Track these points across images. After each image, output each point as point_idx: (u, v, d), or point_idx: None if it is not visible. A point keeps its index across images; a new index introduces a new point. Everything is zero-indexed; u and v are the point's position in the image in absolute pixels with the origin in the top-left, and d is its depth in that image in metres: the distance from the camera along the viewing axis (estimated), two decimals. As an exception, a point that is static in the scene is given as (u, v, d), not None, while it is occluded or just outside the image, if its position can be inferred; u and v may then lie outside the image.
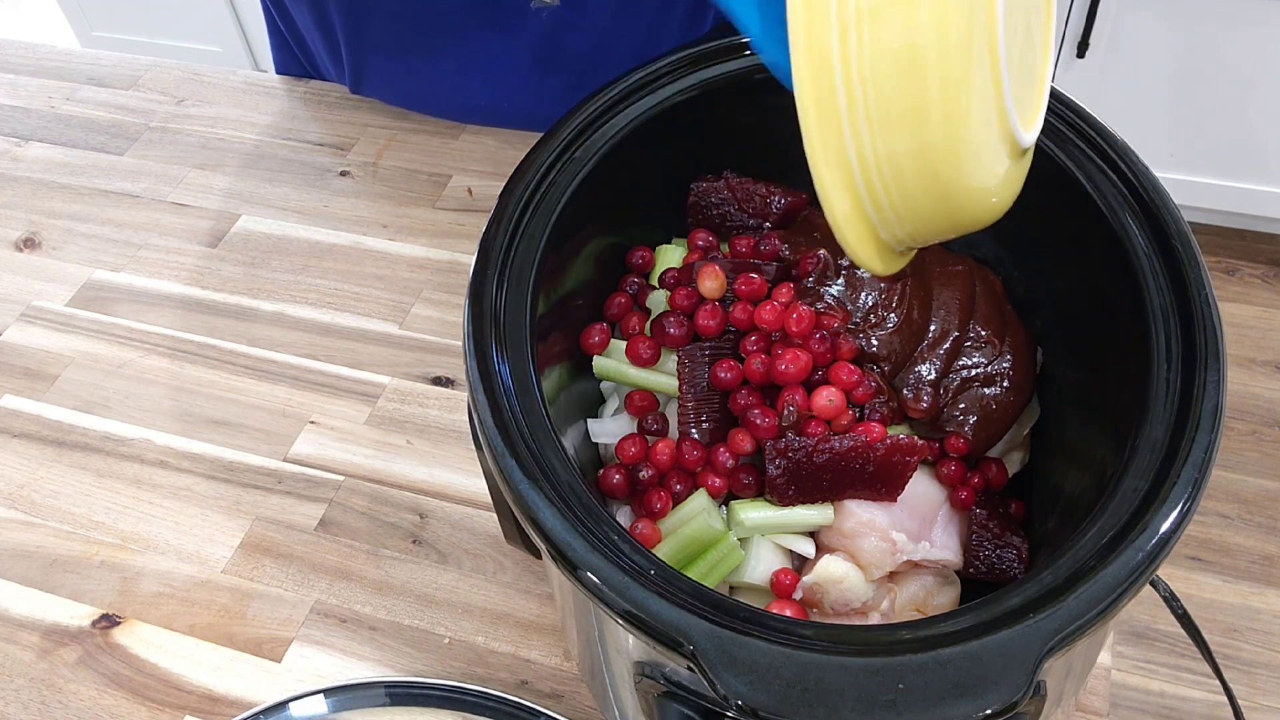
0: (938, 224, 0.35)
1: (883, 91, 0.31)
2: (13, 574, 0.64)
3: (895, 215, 0.34)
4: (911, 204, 0.33)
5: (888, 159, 0.32)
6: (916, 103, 0.31)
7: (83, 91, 0.99)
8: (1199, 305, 0.41)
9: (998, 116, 0.32)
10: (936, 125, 0.31)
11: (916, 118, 0.31)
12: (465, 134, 0.91)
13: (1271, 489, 0.64)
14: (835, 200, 0.34)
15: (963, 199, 0.33)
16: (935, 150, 0.32)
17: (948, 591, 0.48)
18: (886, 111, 0.31)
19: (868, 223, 0.35)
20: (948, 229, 0.36)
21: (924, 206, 0.34)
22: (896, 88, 0.30)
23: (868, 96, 0.31)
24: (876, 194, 0.33)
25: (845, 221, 0.34)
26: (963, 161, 0.32)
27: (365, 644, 0.61)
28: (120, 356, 0.76)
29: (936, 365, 0.49)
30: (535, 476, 0.38)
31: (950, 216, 0.34)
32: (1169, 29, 1.45)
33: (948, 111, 0.31)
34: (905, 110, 0.31)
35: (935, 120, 0.31)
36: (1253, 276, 0.76)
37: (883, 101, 0.31)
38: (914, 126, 0.31)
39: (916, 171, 0.32)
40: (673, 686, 0.38)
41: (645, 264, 0.55)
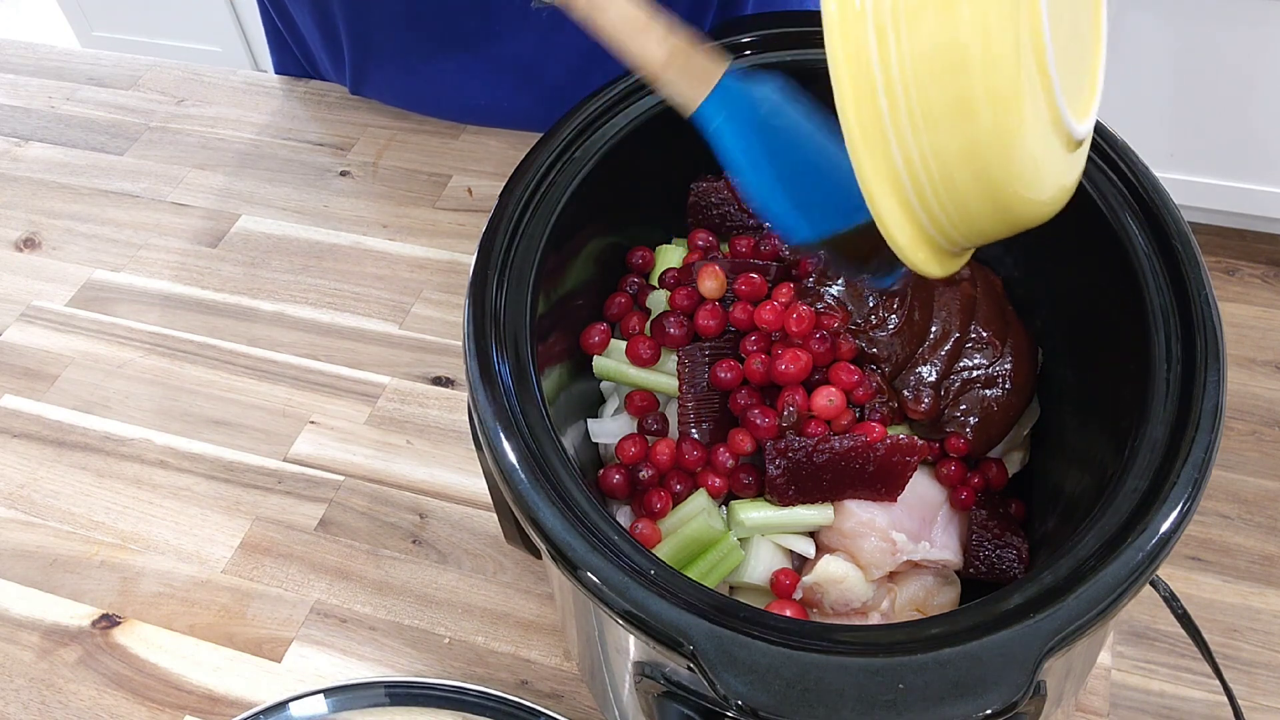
0: (993, 222, 0.34)
1: (925, 92, 0.30)
2: (13, 574, 0.64)
3: (947, 218, 0.33)
4: (963, 205, 0.33)
5: (936, 160, 0.31)
6: (960, 100, 0.30)
7: (83, 91, 0.99)
8: (1199, 305, 0.41)
9: (1048, 108, 0.31)
10: (984, 121, 0.30)
11: (961, 115, 0.30)
12: (465, 134, 0.91)
13: (1271, 489, 0.64)
14: (885, 208, 0.33)
15: (1017, 195, 0.33)
16: (984, 148, 0.31)
17: (948, 591, 0.48)
18: (929, 112, 0.30)
19: (920, 227, 0.34)
20: (1004, 227, 0.35)
21: (977, 206, 0.33)
22: (938, 87, 0.30)
23: (910, 98, 0.30)
24: (926, 198, 0.32)
25: (898, 229, 0.33)
26: (1014, 157, 0.31)
27: (365, 644, 0.61)
28: (120, 356, 0.76)
29: (938, 367, 0.49)
30: (535, 476, 0.38)
31: (1006, 214, 0.34)
32: (1169, 29, 1.45)
33: (995, 107, 0.30)
34: (949, 109, 0.30)
35: (982, 116, 0.30)
36: (1253, 276, 0.76)
37: (925, 102, 0.30)
38: (959, 124, 0.30)
39: (966, 171, 0.31)
40: (673, 686, 0.38)
41: (645, 264, 0.55)
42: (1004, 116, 0.30)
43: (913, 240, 0.34)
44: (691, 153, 0.54)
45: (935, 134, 0.31)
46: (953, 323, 0.50)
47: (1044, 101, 0.31)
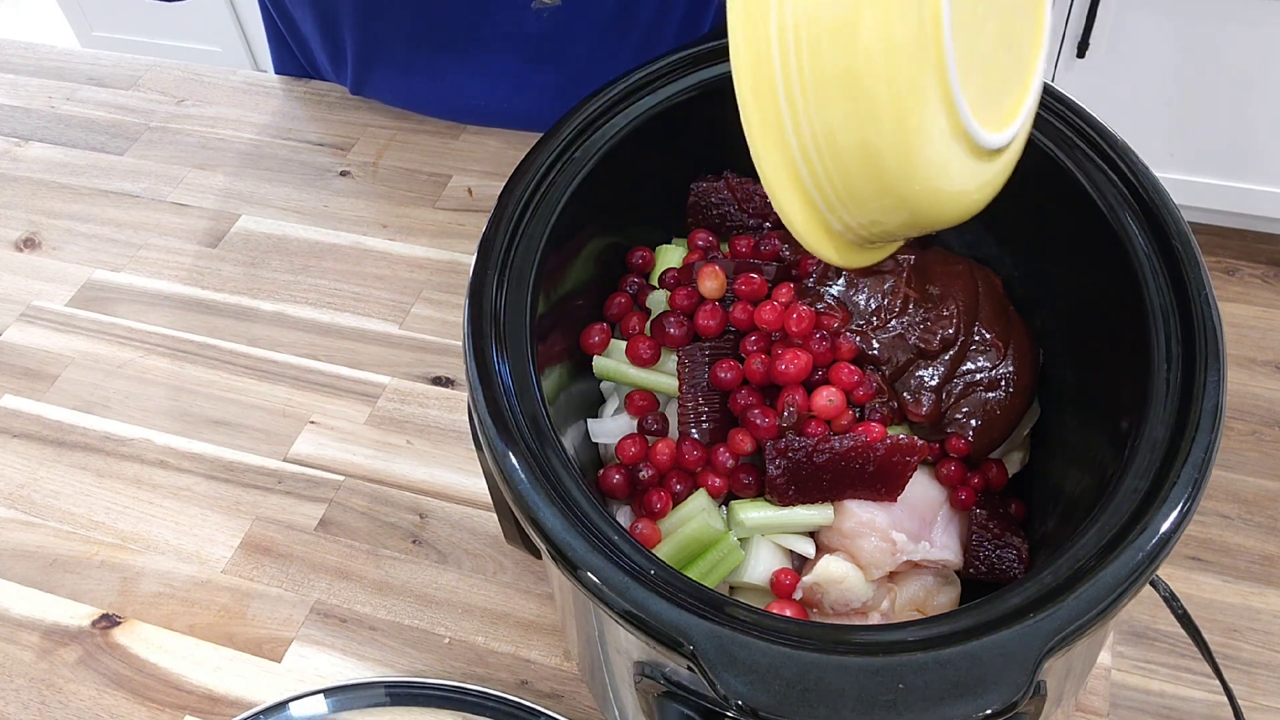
0: (897, 221, 0.34)
1: (821, 91, 0.30)
2: (13, 574, 0.64)
3: (848, 213, 0.34)
4: (861, 202, 0.33)
5: (830, 155, 0.32)
6: (853, 99, 0.30)
7: (83, 91, 0.99)
8: (1199, 305, 0.41)
9: (947, 117, 0.31)
10: (878, 125, 0.30)
11: (854, 116, 0.30)
12: (465, 134, 0.91)
13: (1271, 489, 0.64)
14: (784, 197, 0.33)
15: (917, 197, 0.33)
16: (877, 150, 0.31)
17: (948, 591, 0.48)
18: (823, 108, 0.31)
19: (821, 219, 0.34)
20: (910, 226, 0.35)
21: (875, 203, 0.33)
22: (834, 83, 0.30)
23: (806, 96, 0.30)
24: (825, 191, 0.33)
25: (798, 218, 0.34)
26: (910, 161, 0.31)
27: (365, 644, 0.61)
28: (120, 356, 0.76)
29: (940, 370, 0.49)
30: (535, 476, 0.38)
31: (908, 213, 0.34)
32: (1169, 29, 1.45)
33: (888, 111, 0.30)
34: (843, 110, 0.30)
35: (877, 117, 0.30)
36: (1253, 276, 0.76)
37: (820, 100, 0.30)
38: (851, 124, 0.31)
39: (860, 170, 0.32)
40: (673, 686, 0.38)
41: (645, 264, 0.55)
42: (897, 121, 0.30)
43: (815, 230, 0.35)
44: (691, 153, 0.55)
45: (828, 129, 0.31)
46: (957, 326, 0.50)
47: (942, 109, 0.31)
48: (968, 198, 0.34)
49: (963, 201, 0.34)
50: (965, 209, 0.35)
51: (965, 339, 0.49)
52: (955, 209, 0.34)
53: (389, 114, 0.93)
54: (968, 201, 0.35)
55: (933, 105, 0.31)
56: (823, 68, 0.30)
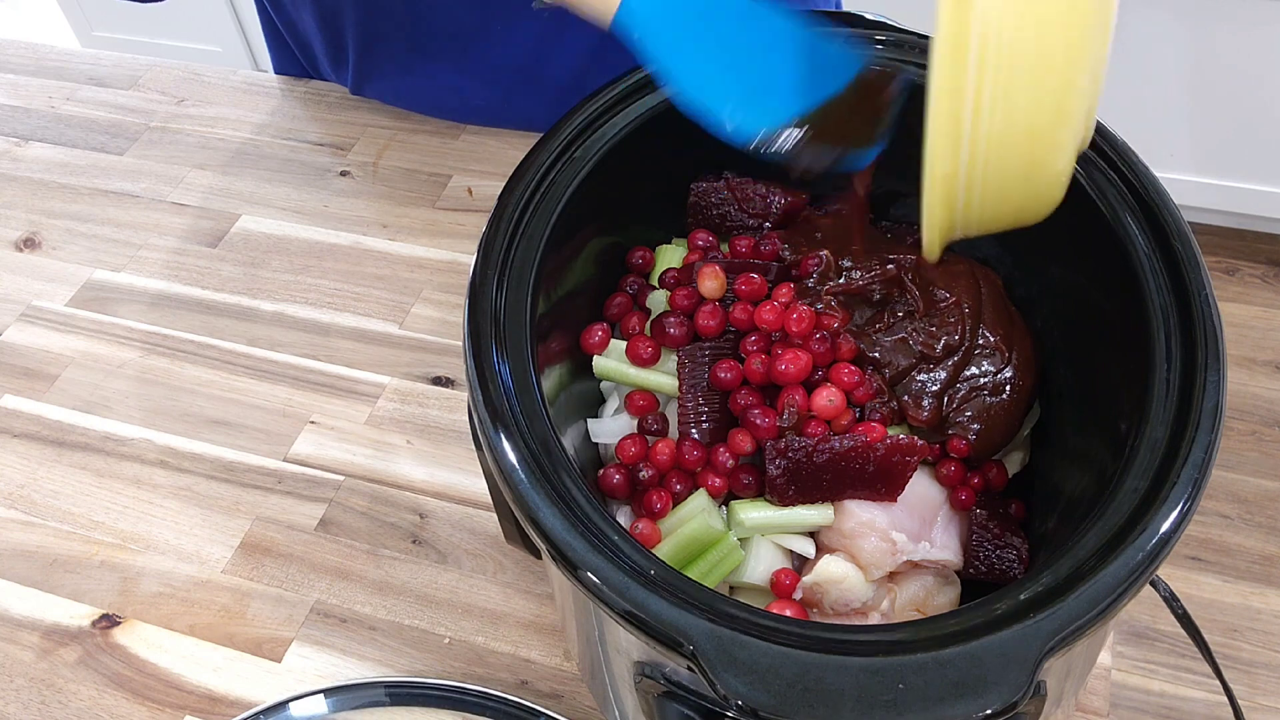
0: (1008, 210, 0.37)
1: (1013, 75, 0.33)
2: (13, 574, 0.64)
3: (980, 195, 0.36)
4: (1002, 186, 0.36)
5: (1003, 123, 0.34)
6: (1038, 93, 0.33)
7: (83, 91, 0.99)
8: (1199, 305, 0.41)
9: (1090, 99, 0.34)
10: (1048, 114, 0.33)
11: (1037, 105, 0.33)
12: (465, 134, 0.91)
13: (1271, 489, 0.64)
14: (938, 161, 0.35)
15: (1044, 176, 0.36)
16: (1041, 134, 0.34)
17: (948, 591, 0.48)
18: (1011, 91, 0.33)
19: (953, 193, 0.36)
20: (1012, 213, 0.38)
21: (1011, 190, 0.36)
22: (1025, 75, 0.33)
23: (998, 78, 0.33)
24: (973, 194, 0.36)
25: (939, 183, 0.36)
26: (1058, 170, 0.35)
27: (365, 644, 0.61)
28: (120, 356, 0.76)
29: (943, 374, 0.49)
30: (535, 476, 0.38)
31: (1024, 196, 0.37)
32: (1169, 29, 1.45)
33: (1059, 104, 0.33)
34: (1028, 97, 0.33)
35: (1048, 110, 0.33)
36: (1253, 276, 0.76)
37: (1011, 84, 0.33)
38: (1032, 112, 0.33)
39: (1021, 152, 0.34)
40: (673, 686, 0.38)
41: (645, 264, 0.55)
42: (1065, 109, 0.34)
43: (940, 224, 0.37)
44: (691, 153, 0.55)
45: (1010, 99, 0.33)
46: (962, 332, 0.49)
47: (1087, 106, 0.34)
48: (1062, 190, 0.37)
49: (1059, 194, 0.37)
50: (1055, 202, 0.38)
51: (970, 344, 0.49)
52: (1053, 199, 0.38)
53: (389, 114, 0.93)
54: (1059, 195, 0.38)
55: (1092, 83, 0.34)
56: (1019, 61, 0.32)
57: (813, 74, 0.38)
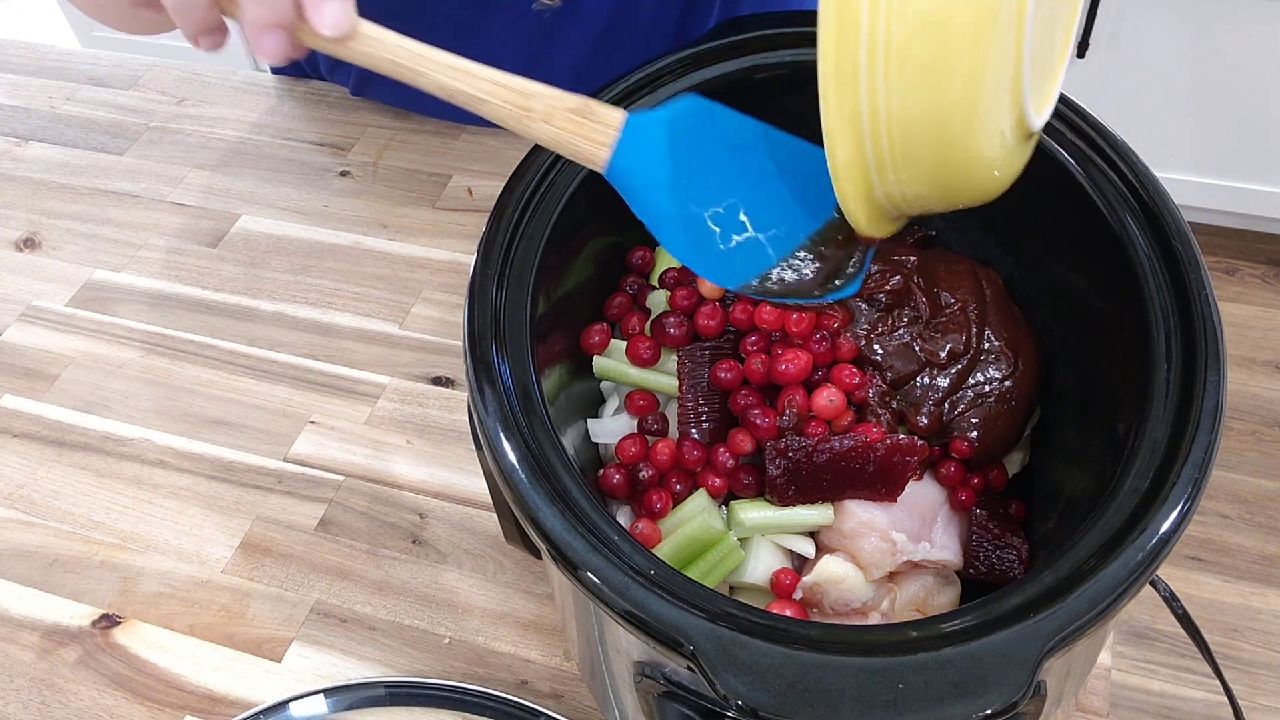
0: (935, 188, 0.35)
1: (906, 48, 0.31)
2: (13, 574, 0.64)
3: (895, 173, 0.34)
4: (914, 163, 0.34)
5: (900, 113, 0.32)
6: (937, 62, 0.31)
7: (83, 91, 0.99)
8: (1199, 305, 0.41)
9: (1012, 91, 0.33)
10: (955, 87, 0.32)
11: (935, 79, 0.32)
12: (465, 134, 0.91)
13: (1271, 489, 0.64)
14: (839, 148, 0.34)
15: (965, 165, 0.34)
16: (948, 110, 0.32)
17: (948, 591, 0.48)
18: (906, 67, 0.31)
19: (866, 176, 0.35)
20: (943, 197, 0.36)
21: (926, 167, 0.34)
22: (921, 46, 0.31)
23: (889, 51, 0.31)
24: (881, 147, 0.34)
25: (844, 170, 0.35)
26: (973, 126, 0.33)
27: (365, 644, 0.61)
28: (120, 356, 0.76)
29: (946, 382, 0.49)
30: (535, 476, 0.38)
31: (949, 182, 0.35)
32: (1169, 29, 1.45)
33: (968, 74, 0.31)
34: (925, 68, 0.31)
35: (954, 82, 0.32)
36: (1253, 276, 0.76)
37: (904, 58, 0.31)
38: (932, 85, 0.32)
39: (926, 129, 0.33)
40: (673, 686, 0.38)
41: (645, 264, 0.55)
42: (974, 89, 0.32)
43: (858, 193, 0.36)
44: (691, 153, 0.55)
45: (906, 91, 0.32)
46: (967, 340, 0.49)
47: (1011, 81, 0.32)
48: (1002, 175, 0.36)
49: (998, 179, 0.36)
50: (996, 187, 0.36)
51: (975, 351, 0.49)
52: (989, 185, 0.36)
53: (389, 114, 0.93)
54: (1000, 180, 0.36)
55: (1005, 77, 0.32)
56: (909, 20, 0.31)
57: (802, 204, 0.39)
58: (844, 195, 0.36)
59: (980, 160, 0.34)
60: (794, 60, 0.51)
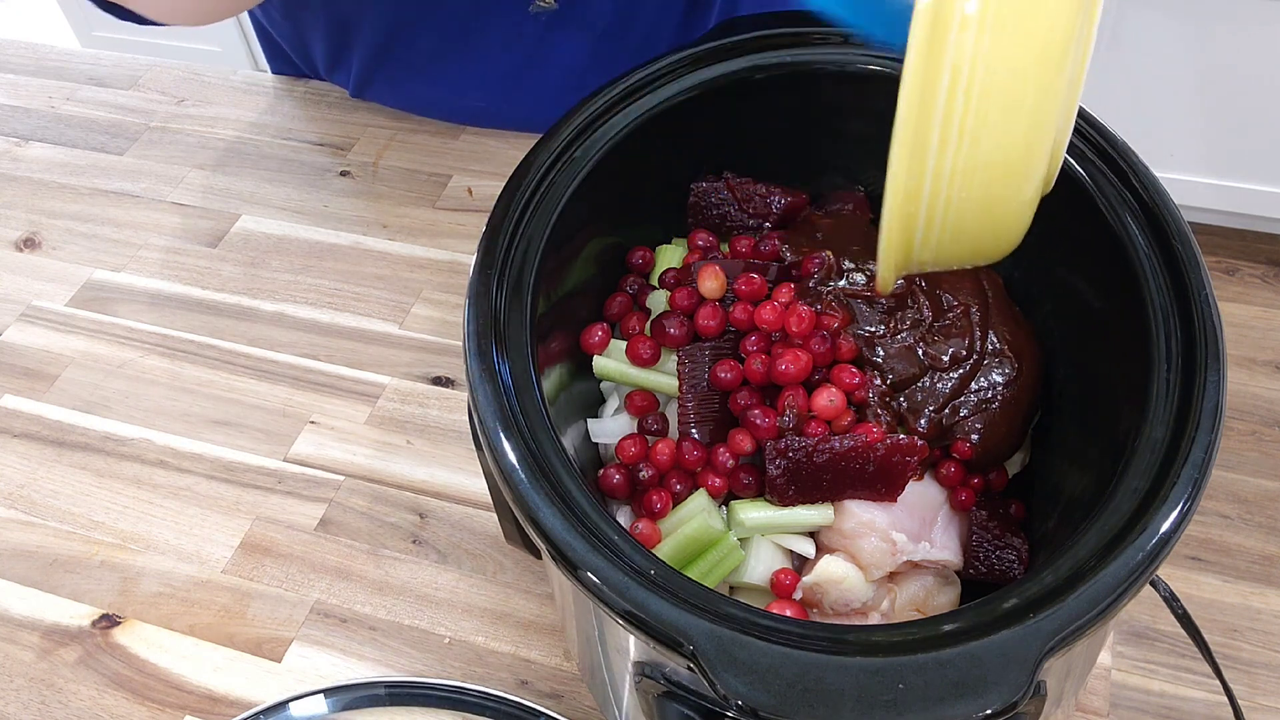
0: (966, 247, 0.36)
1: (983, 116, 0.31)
2: (13, 574, 0.64)
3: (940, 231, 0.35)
4: (963, 223, 0.34)
5: (965, 169, 0.33)
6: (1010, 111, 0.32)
7: (83, 91, 0.99)
8: (1199, 305, 0.41)
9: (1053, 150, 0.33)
10: (1016, 153, 0.32)
11: (1005, 143, 0.32)
12: (465, 134, 0.91)
13: (1271, 489, 0.64)
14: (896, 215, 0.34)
15: (1007, 243, 0.35)
16: (1007, 172, 0.33)
17: (948, 592, 0.48)
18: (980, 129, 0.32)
19: (909, 248, 0.36)
20: (975, 255, 0.37)
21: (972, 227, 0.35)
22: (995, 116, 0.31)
23: (969, 108, 0.32)
24: (934, 224, 0.34)
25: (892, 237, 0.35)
26: (1023, 187, 0.33)
27: (365, 644, 0.61)
28: (120, 356, 0.76)
29: (949, 386, 0.48)
30: (535, 476, 0.38)
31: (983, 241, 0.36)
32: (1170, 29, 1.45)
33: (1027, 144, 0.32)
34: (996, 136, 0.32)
35: (1016, 149, 0.32)
36: (1253, 276, 0.76)
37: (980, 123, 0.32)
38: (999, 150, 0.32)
39: (986, 189, 0.33)
40: (673, 686, 0.38)
41: (645, 264, 0.55)
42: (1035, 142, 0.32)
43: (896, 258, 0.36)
44: (691, 153, 0.55)
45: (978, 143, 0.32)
46: (970, 344, 0.49)
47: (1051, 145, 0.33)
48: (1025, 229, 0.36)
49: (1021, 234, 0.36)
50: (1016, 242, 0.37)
51: (978, 356, 0.49)
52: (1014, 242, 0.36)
53: (389, 114, 0.93)
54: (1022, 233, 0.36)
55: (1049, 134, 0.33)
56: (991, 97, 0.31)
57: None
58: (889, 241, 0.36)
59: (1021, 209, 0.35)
60: (794, 60, 0.51)
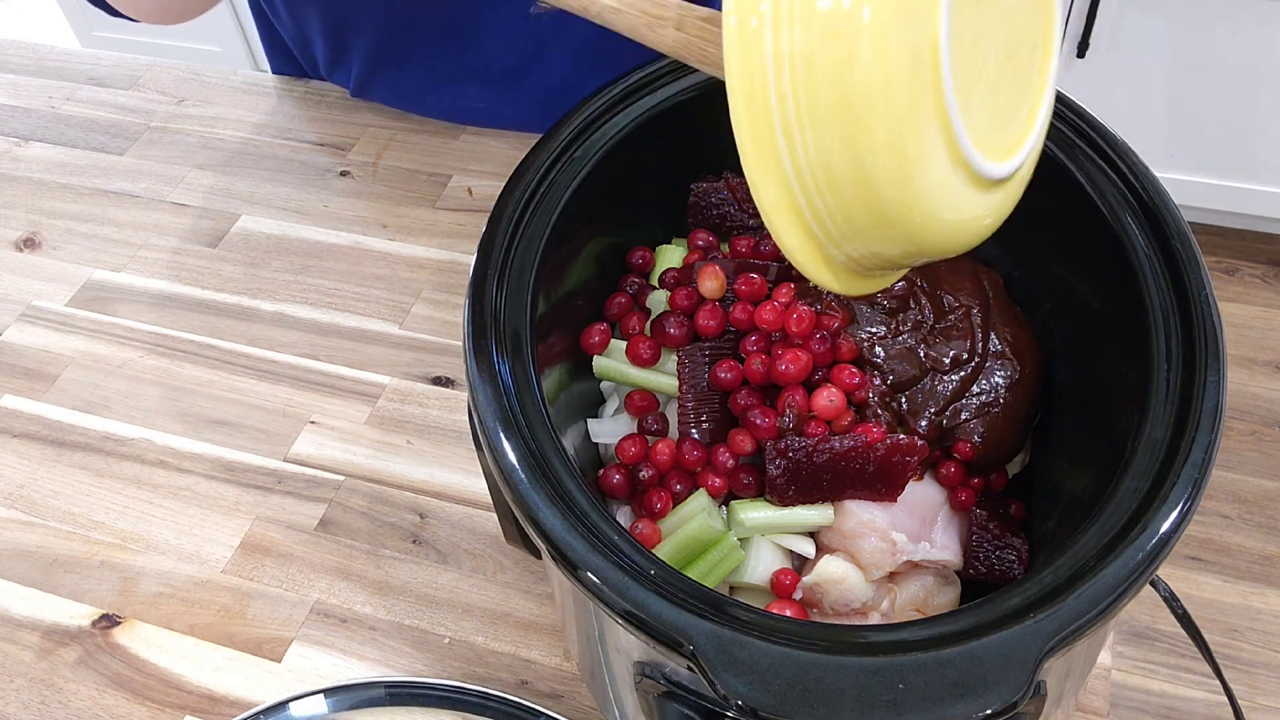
0: (896, 248, 0.34)
1: (818, 119, 0.30)
2: (13, 574, 0.64)
3: (844, 239, 0.33)
4: (859, 230, 0.32)
5: (828, 187, 0.31)
6: (850, 129, 0.30)
7: (83, 91, 0.99)
8: (1199, 305, 0.41)
9: (945, 146, 0.31)
10: (876, 154, 0.30)
11: (852, 144, 0.30)
12: (465, 134, 0.91)
13: (1271, 489, 0.64)
14: (778, 222, 0.33)
15: (917, 228, 0.32)
16: (873, 179, 0.30)
17: (948, 592, 0.48)
18: (821, 137, 0.30)
19: (818, 245, 0.34)
20: (912, 254, 0.35)
21: (873, 232, 0.32)
22: (830, 114, 0.29)
23: (802, 121, 0.30)
24: (822, 219, 0.32)
25: (796, 247, 0.33)
26: (905, 190, 0.31)
27: (365, 644, 0.61)
28: (120, 356, 0.76)
29: (948, 391, 0.48)
30: (535, 476, 0.38)
31: (908, 242, 0.33)
32: (1169, 29, 1.45)
33: (887, 139, 0.30)
34: (841, 139, 0.30)
35: (874, 149, 0.30)
36: (1253, 276, 0.76)
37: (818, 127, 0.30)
38: (850, 154, 0.30)
39: (858, 199, 0.31)
40: (673, 686, 0.38)
41: (645, 264, 0.55)
42: (894, 152, 0.30)
43: (814, 261, 0.34)
44: (691, 153, 0.55)
45: (825, 161, 0.30)
46: (971, 347, 0.49)
47: (941, 140, 0.31)
48: (972, 226, 0.34)
49: (967, 230, 0.34)
50: (970, 237, 0.35)
51: (980, 359, 0.49)
52: (959, 238, 0.34)
53: (389, 114, 0.93)
54: (973, 230, 0.34)
55: (931, 136, 0.30)
56: (818, 99, 0.29)
57: None
58: (800, 263, 0.34)
59: (934, 218, 0.32)
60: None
